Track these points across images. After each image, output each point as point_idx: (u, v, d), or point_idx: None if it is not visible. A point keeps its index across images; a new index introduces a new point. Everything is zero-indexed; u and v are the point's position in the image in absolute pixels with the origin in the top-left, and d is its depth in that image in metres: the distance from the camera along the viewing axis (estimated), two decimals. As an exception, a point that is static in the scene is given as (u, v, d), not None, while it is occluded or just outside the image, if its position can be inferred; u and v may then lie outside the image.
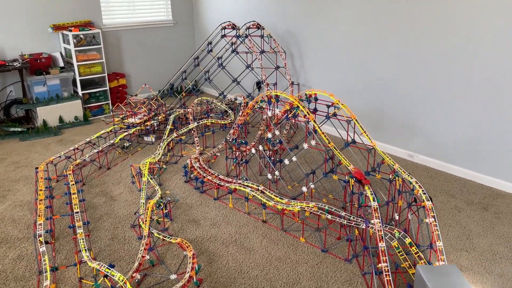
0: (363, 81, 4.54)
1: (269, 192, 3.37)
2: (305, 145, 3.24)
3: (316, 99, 3.38)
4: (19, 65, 5.06)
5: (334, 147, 3.14)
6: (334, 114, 3.28)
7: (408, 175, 2.85)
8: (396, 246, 2.56)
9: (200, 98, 5.28)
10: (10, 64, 5.06)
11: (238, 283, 2.63)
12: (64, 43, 5.64)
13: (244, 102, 4.98)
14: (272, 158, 3.76)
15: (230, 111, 5.17)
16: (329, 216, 2.89)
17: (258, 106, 3.63)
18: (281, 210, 3.18)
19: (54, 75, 5.35)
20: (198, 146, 4.52)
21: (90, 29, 5.53)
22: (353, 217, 2.87)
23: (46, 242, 2.84)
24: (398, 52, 4.15)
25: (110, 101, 5.89)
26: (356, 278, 2.64)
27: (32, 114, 5.47)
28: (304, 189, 3.34)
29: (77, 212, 3.13)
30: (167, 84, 5.84)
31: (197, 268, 2.63)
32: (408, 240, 2.59)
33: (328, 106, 3.29)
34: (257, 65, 5.22)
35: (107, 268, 2.35)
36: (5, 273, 2.74)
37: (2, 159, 4.47)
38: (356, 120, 3.18)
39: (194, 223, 3.28)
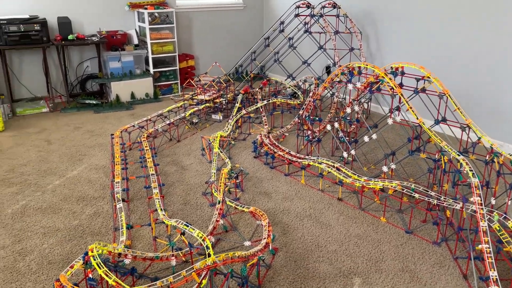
0: (445, 64, 4.21)
1: (346, 169, 3.18)
2: (390, 121, 3.02)
3: (403, 72, 3.14)
4: (97, 39, 5.22)
5: (422, 123, 2.90)
6: (423, 89, 3.03)
7: (510, 155, 2.55)
8: (498, 228, 2.29)
9: (268, 78, 5.18)
10: (88, 38, 5.24)
11: (315, 255, 2.48)
12: (139, 21, 5.76)
13: (315, 84, 4.80)
14: (347, 138, 3.56)
15: (299, 93, 5.03)
16: (416, 195, 2.66)
17: (338, 79, 3.44)
18: (360, 187, 2.98)
19: (128, 52, 5.47)
20: (266, 125, 4.41)
21: (165, 8, 5.61)
22: (443, 197, 2.62)
23: (123, 200, 2.85)
24: (485, 32, 3.79)
25: (179, 81, 5.95)
26: (447, 262, 2.40)
27: (106, 89, 5.64)
28: (385, 168, 3.12)
29: (152, 174, 3.12)
30: (236, 65, 5.80)
31: (272, 237, 2.51)
32: (510, 224, 2.31)
33: (418, 80, 3.04)
34: (330, 46, 5.02)
35: (185, 225, 2.29)
36: (82, 227, 2.77)
37: (78, 128, 4.62)
38: (449, 95, 2.92)
39: (265, 195, 3.17)
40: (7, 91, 5.01)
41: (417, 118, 2.90)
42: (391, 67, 3.20)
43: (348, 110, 3.34)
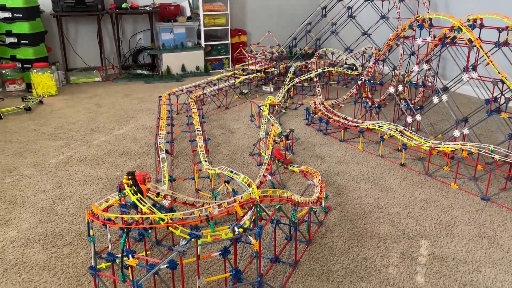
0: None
1: (410, 132, 2.84)
2: (465, 77, 2.65)
3: (481, 24, 2.75)
4: (150, 9, 5.18)
5: (505, 78, 2.50)
6: (506, 42, 2.63)
7: None
8: None
9: (325, 49, 4.88)
10: (142, 8, 5.20)
11: (374, 216, 2.18)
12: (192, -7, 5.67)
13: (376, 54, 4.44)
14: (412, 104, 3.20)
15: (357, 65, 4.69)
16: (497, 157, 2.28)
17: (404, 35, 3.09)
18: (428, 150, 2.63)
19: (180, 23, 5.38)
20: (320, 96, 4.13)
21: (218, -21, 5.47)
22: (530, 160, 2.23)
23: (166, 152, 2.70)
24: None
25: (230, 56, 5.79)
26: (535, 231, 2.02)
27: (157, 62, 5.60)
28: (456, 133, 2.74)
29: (198, 129, 2.95)
30: (290, 37, 5.55)
31: (325, 196, 2.24)
32: None
33: (500, 31, 2.64)
34: (393, 15, 4.63)
35: (229, 171, 2.08)
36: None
37: (128, 95, 4.58)
38: (538, 46, 2.50)
39: (318, 158, 2.90)
40: (63, 60, 5.08)
41: (499, 73, 2.50)
42: (468, 19, 2.82)
43: (416, 68, 2.98)
